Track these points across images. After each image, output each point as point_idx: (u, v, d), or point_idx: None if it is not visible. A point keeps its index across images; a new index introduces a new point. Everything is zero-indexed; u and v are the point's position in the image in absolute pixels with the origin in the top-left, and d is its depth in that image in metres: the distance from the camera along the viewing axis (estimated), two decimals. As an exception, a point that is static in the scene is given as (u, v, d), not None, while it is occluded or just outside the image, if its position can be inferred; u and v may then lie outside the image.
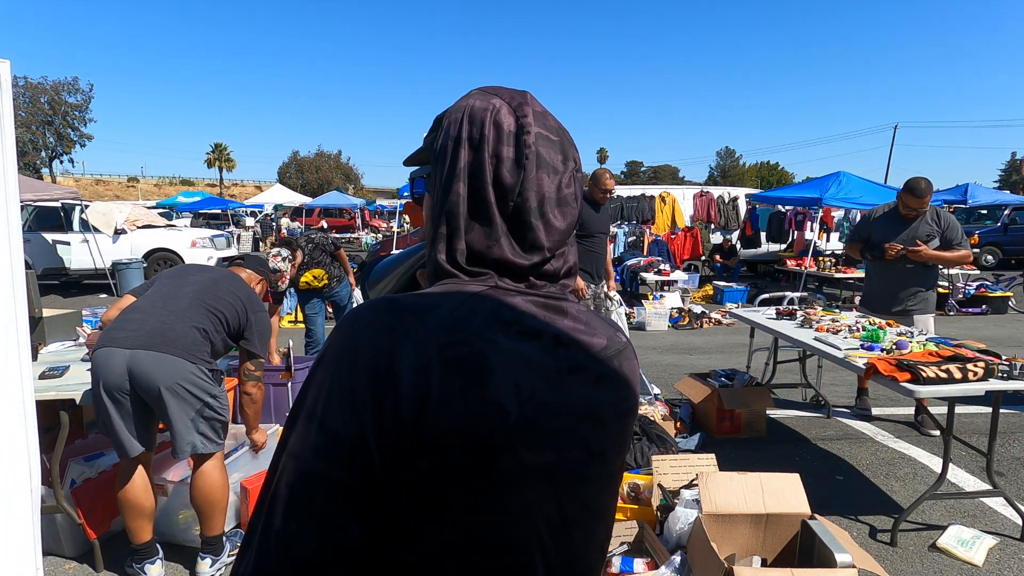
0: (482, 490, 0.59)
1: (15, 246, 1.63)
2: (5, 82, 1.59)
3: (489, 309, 0.62)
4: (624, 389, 0.70)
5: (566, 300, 0.69)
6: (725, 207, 13.89)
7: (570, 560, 0.65)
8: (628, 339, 0.76)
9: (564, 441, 0.64)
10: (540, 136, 0.67)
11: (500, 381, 0.59)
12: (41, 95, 41.27)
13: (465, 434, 0.57)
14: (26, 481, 1.66)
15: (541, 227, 0.66)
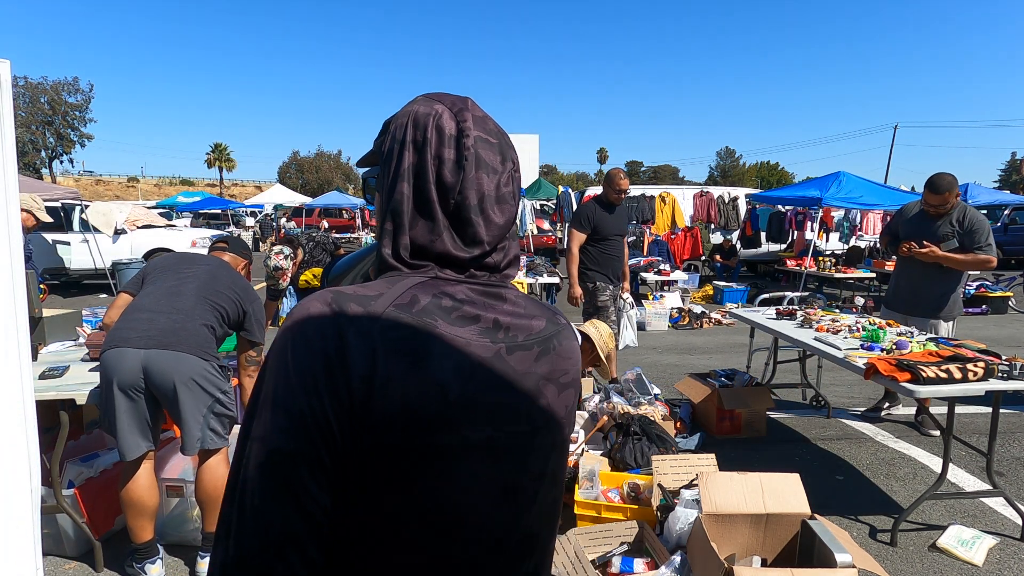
0: (427, 463, 0.64)
1: (15, 246, 1.63)
2: (5, 82, 1.59)
3: (430, 297, 0.68)
4: (564, 364, 0.77)
5: (505, 288, 0.76)
6: (725, 207, 13.89)
7: (514, 524, 0.71)
8: (568, 322, 0.83)
9: (506, 416, 0.70)
10: (480, 139, 0.73)
11: (441, 363, 0.65)
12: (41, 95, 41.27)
13: (408, 412, 0.62)
14: (26, 481, 1.66)
15: (481, 223, 0.72)
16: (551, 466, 0.76)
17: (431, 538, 0.65)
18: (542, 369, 0.74)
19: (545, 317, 0.78)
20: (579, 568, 2.27)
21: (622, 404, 3.68)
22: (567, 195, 15.81)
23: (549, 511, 0.77)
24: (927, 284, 3.95)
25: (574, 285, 4.64)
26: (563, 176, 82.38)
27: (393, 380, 0.62)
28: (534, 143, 40.97)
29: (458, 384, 0.66)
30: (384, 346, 0.62)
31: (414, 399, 0.63)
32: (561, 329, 0.80)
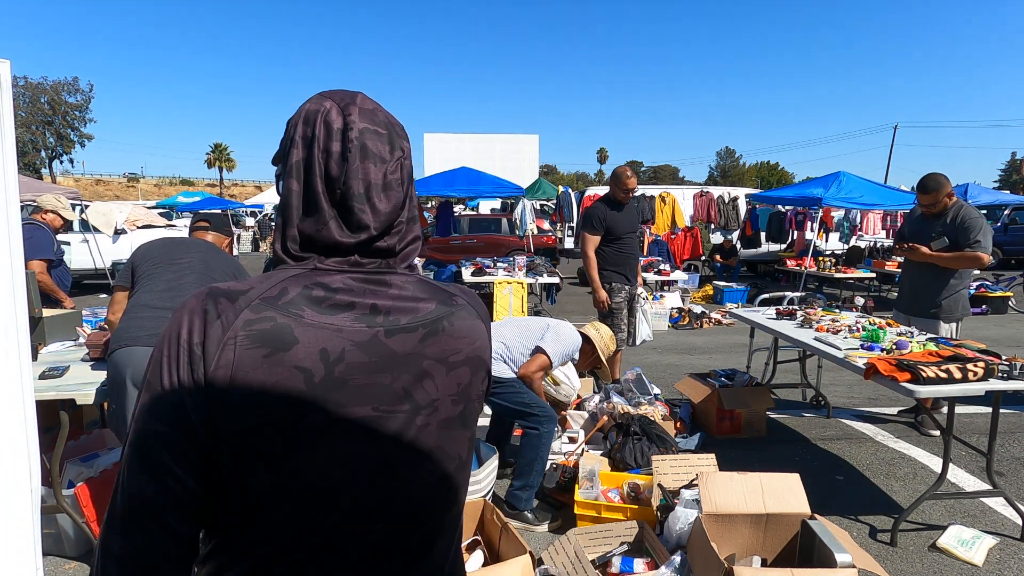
0: (294, 441, 0.69)
1: (15, 246, 1.63)
2: (5, 82, 1.59)
3: (300, 288, 0.73)
4: (455, 344, 0.80)
5: (393, 274, 0.80)
6: (725, 207, 13.89)
7: (394, 497, 0.75)
8: (469, 302, 0.87)
9: (384, 396, 0.74)
10: (367, 131, 0.77)
11: (304, 349, 0.70)
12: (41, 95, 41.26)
13: (271, 396, 0.68)
14: (26, 481, 1.66)
15: (367, 210, 0.77)
16: (442, 443, 0.78)
17: (306, 510, 0.70)
18: (429, 350, 0.78)
19: (437, 300, 0.81)
20: (579, 568, 2.27)
21: (622, 404, 3.68)
22: (567, 195, 15.79)
23: (442, 486, 0.79)
24: (923, 284, 3.97)
25: (598, 290, 4.58)
26: (563, 176, 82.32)
27: (253, 369, 0.68)
28: (534, 143, 40.88)
29: (325, 369, 0.70)
30: (245, 337, 0.68)
31: (275, 386, 0.68)
32: (455, 310, 0.82)
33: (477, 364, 0.83)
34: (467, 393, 0.82)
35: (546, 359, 3.08)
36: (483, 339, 0.85)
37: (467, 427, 0.83)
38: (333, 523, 0.72)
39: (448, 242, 13.36)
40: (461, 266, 9.48)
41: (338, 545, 0.73)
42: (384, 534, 0.75)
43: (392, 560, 0.77)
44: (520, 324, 3.23)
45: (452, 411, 0.80)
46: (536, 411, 3.01)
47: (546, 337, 3.11)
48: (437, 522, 0.80)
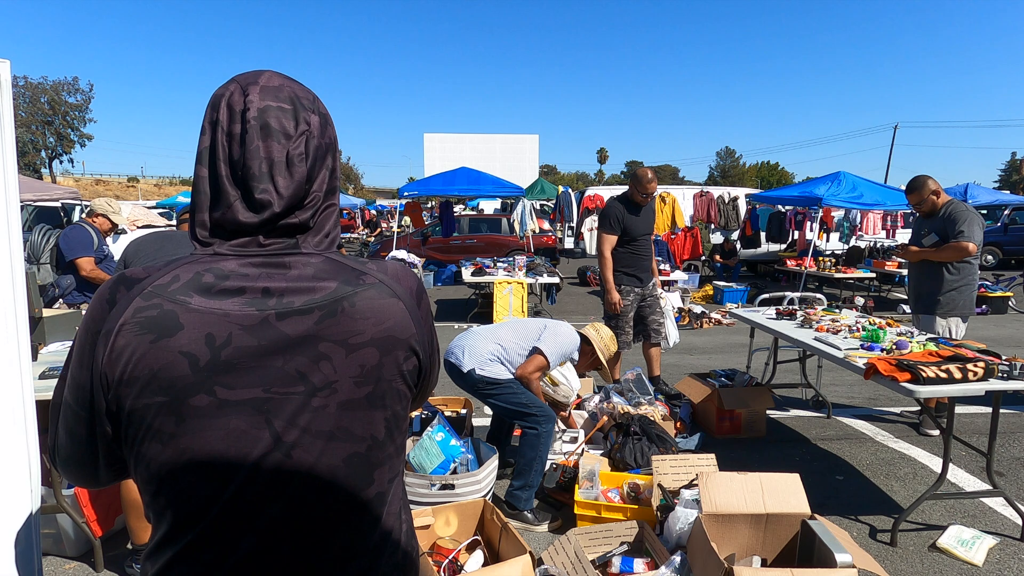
0: (182, 421, 0.73)
1: (15, 246, 1.63)
2: (5, 82, 1.59)
3: (191, 276, 0.76)
4: (356, 325, 0.79)
5: (297, 254, 0.80)
6: (725, 207, 13.89)
7: (291, 475, 0.76)
8: (384, 280, 0.84)
9: (273, 377, 0.75)
10: (268, 108, 0.78)
11: (188, 334, 0.73)
12: (41, 95, 41.25)
13: (157, 378, 0.72)
14: (26, 481, 1.66)
15: (270, 189, 0.77)
16: (345, 423, 0.78)
17: (201, 483, 0.74)
18: (326, 331, 0.77)
19: (339, 280, 0.80)
20: (579, 568, 2.27)
21: (622, 404, 3.68)
22: (567, 195, 15.79)
23: (350, 465, 0.80)
24: (919, 282, 4.11)
25: (611, 291, 4.57)
26: (563, 176, 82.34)
27: (141, 353, 0.72)
28: (534, 143, 40.89)
29: (210, 352, 0.73)
30: (135, 323, 0.73)
31: (161, 368, 0.72)
32: (359, 290, 0.81)
33: (389, 344, 0.82)
34: (376, 374, 0.80)
35: (543, 360, 3.08)
36: (397, 319, 0.83)
37: (379, 408, 0.81)
38: (230, 496, 0.74)
39: (448, 242, 13.37)
40: (461, 266, 9.48)
41: (240, 516, 0.75)
42: (287, 508, 0.76)
43: (299, 535, 0.77)
44: (517, 325, 3.23)
45: (355, 392, 0.79)
46: (534, 411, 3.01)
47: (543, 338, 3.10)
48: (347, 500, 0.80)
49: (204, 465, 0.74)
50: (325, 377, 0.77)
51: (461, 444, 3.08)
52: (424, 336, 0.88)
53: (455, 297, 10.43)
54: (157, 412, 0.73)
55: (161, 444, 0.73)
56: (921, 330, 3.81)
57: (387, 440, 0.83)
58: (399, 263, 0.90)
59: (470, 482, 2.89)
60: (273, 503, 0.76)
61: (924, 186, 4.04)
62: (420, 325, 0.87)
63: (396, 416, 0.85)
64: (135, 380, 0.72)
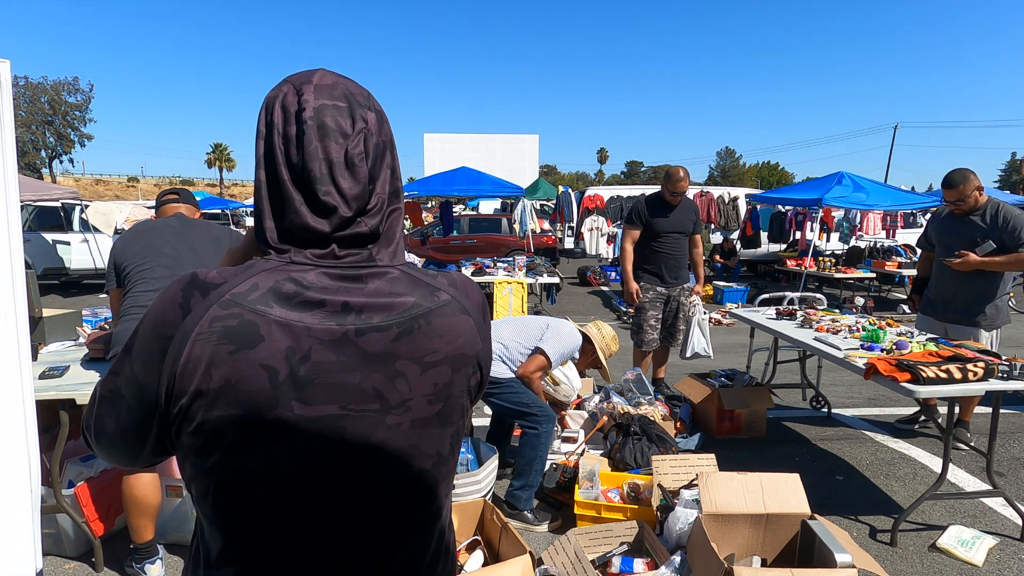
0: (257, 435, 0.71)
1: (15, 246, 1.63)
2: (5, 82, 1.59)
3: (271, 284, 0.72)
4: (432, 343, 0.78)
5: (373, 267, 0.78)
6: (725, 207, 13.89)
7: (362, 494, 0.76)
8: (456, 296, 0.83)
9: (352, 395, 0.74)
10: (324, 107, 0.75)
11: (269, 347, 0.70)
12: (41, 95, 41.25)
13: (235, 390, 0.69)
14: (26, 481, 1.66)
15: (332, 191, 0.75)
16: (416, 441, 0.78)
17: (269, 497, 0.73)
18: (402, 350, 0.76)
19: (416, 296, 0.78)
20: (579, 568, 2.27)
21: (622, 404, 3.68)
22: (567, 195, 15.78)
23: (419, 482, 0.80)
24: (963, 289, 3.64)
25: (629, 281, 4.60)
26: (563, 176, 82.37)
27: (217, 363, 0.69)
28: (534, 143, 40.85)
29: (289, 366, 0.71)
30: (212, 333, 0.69)
31: (240, 381, 0.69)
32: (436, 307, 0.79)
33: (460, 362, 0.81)
34: (447, 392, 0.80)
35: (544, 360, 3.08)
36: (467, 336, 0.82)
37: (447, 424, 0.81)
38: (300, 513, 0.74)
39: (448, 242, 13.37)
40: (461, 266, 9.48)
41: (309, 534, 0.74)
42: (356, 526, 0.76)
43: (367, 552, 0.78)
44: (519, 323, 3.22)
45: (428, 411, 0.79)
46: (535, 411, 3.01)
47: (545, 337, 3.10)
48: (414, 517, 0.80)
49: (276, 481, 0.72)
50: (400, 395, 0.76)
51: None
52: (487, 351, 0.87)
53: (455, 297, 10.40)
54: (231, 425, 0.70)
55: (232, 457, 0.72)
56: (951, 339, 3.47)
57: (450, 455, 0.84)
58: (464, 276, 0.89)
59: (470, 482, 2.89)
60: (343, 520, 0.76)
61: (968, 181, 3.56)
62: (486, 340, 0.86)
63: (459, 432, 0.85)
64: (211, 391, 0.69)
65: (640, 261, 4.63)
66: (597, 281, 12.24)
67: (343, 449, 0.74)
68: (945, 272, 3.74)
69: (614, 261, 13.29)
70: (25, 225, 10.24)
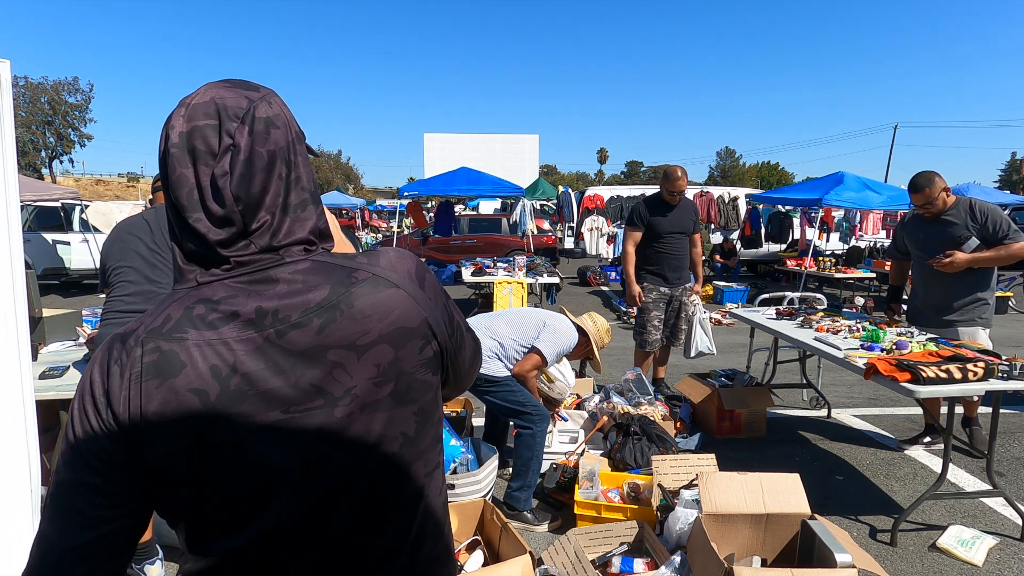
0: (206, 460, 0.69)
1: (15, 246, 1.63)
2: (5, 82, 1.59)
3: (181, 312, 0.72)
4: (360, 325, 0.75)
5: (280, 266, 0.75)
6: (725, 207, 13.90)
7: (331, 491, 0.74)
8: (378, 272, 0.79)
9: (289, 397, 0.72)
10: (195, 129, 0.73)
11: (194, 370, 0.69)
12: (41, 95, 41.22)
13: (172, 422, 0.68)
14: (26, 481, 1.66)
15: (203, 217, 0.73)
16: (374, 426, 0.76)
17: (240, 517, 0.71)
18: (330, 339, 0.73)
19: (331, 283, 0.75)
20: (579, 568, 2.27)
21: (622, 404, 3.68)
22: (567, 195, 15.80)
23: (387, 467, 0.77)
24: (954, 291, 3.53)
25: (631, 284, 4.61)
26: (563, 176, 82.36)
27: (150, 401, 0.68)
28: (534, 143, 40.89)
29: (219, 385, 0.70)
30: (138, 373, 0.69)
31: (173, 411, 0.68)
32: (353, 288, 0.76)
33: (401, 336, 0.77)
34: (394, 370, 0.77)
35: (540, 359, 3.08)
36: (402, 308, 0.78)
37: (406, 403, 0.78)
38: (270, 525, 0.72)
39: (448, 242, 13.37)
40: (461, 266, 9.48)
41: (285, 542, 0.74)
42: (329, 524, 0.75)
43: (345, 545, 0.77)
44: (515, 319, 3.19)
45: (377, 393, 0.76)
46: (530, 410, 3.00)
47: (542, 337, 3.09)
48: (387, 502, 0.79)
49: (238, 501, 0.71)
50: (343, 385, 0.74)
51: (461, 444, 3.08)
52: (438, 316, 0.83)
53: (455, 297, 10.38)
54: (176, 458, 0.69)
55: (190, 489, 0.70)
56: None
57: (419, 435, 0.81)
58: (393, 249, 0.85)
59: (470, 482, 2.89)
60: (316, 521, 0.74)
61: (933, 184, 3.47)
62: (430, 306, 0.82)
63: (424, 409, 0.81)
64: (148, 430, 0.68)
65: (643, 262, 4.64)
66: (597, 281, 12.24)
67: (298, 452, 0.72)
68: (932, 277, 3.60)
69: (614, 261, 13.29)
70: (25, 225, 10.24)
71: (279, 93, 0.82)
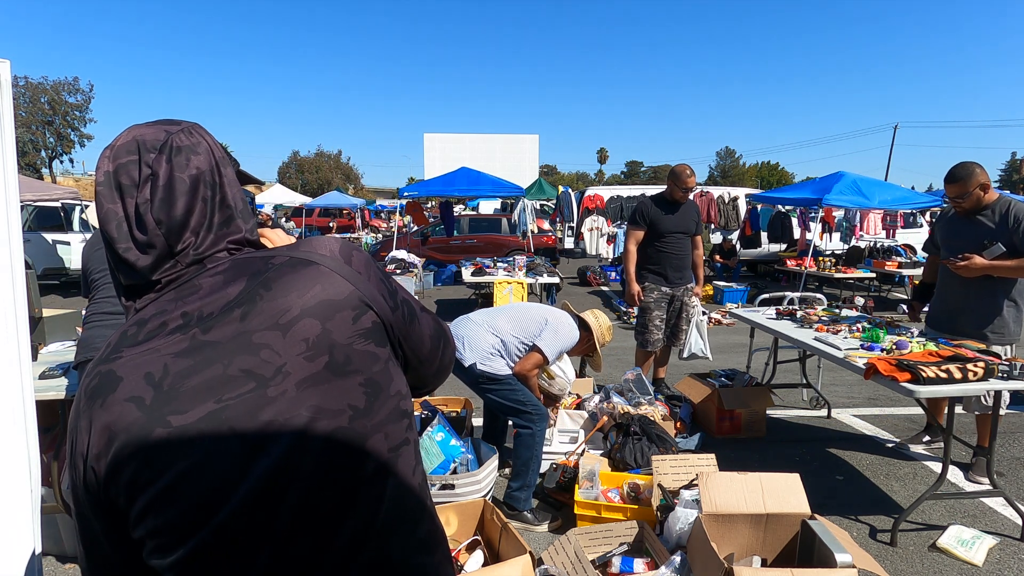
0: (154, 461, 0.72)
1: (15, 246, 1.63)
2: (5, 82, 1.59)
3: (118, 338, 0.78)
4: (280, 304, 0.76)
5: (203, 273, 0.80)
6: (725, 207, 13.90)
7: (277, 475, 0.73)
8: (295, 254, 0.81)
9: (218, 387, 0.74)
10: (120, 167, 0.79)
11: (129, 383, 0.74)
12: (41, 95, 41.21)
13: (114, 433, 0.72)
14: (26, 481, 1.66)
15: (132, 247, 0.79)
16: (315, 400, 0.75)
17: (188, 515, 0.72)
18: (252, 323, 0.75)
19: (248, 274, 0.79)
20: (579, 568, 2.27)
21: (622, 404, 3.68)
22: (567, 195, 15.80)
23: (336, 442, 0.76)
24: (968, 298, 3.29)
25: (631, 283, 4.59)
26: (563, 176, 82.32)
27: (96, 418, 0.74)
28: (534, 143, 40.89)
29: (153, 389, 0.73)
30: (86, 400, 0.75)
31: (113, 422, 0.73)
32: (268, 272, 0.79)
33: (327, 308, 0.78)
34: (326, 341, 0.76)
35: (541, 358, 3.07)
36: (323, 282, 0.79)
37: (347, 375, 0.77)
38: (227, 516, 0.72)
39: (448, 242, 13.38)
40: (461, 266, 9.48)
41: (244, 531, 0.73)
42: (287, 512, 0.74)
43: (307, 531, 0.74)
44: (516, 315, 3.18)
45: (311, 367, 0.75)
46: (529, 409, 3.00)
47: (543, 336, 3.08)
48: (345, 480, 0.76)
49: (188, 497, 0.72)
50: (272, 365, 0.74)
51: (461, 444, 3.07)
52: (371, 288, 0.83)
53: (455, 297, 10.43)
54: (127, 465, 0.72)
55: (143, 495, 0.72)
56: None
57: (371, 407, 0.79)
58: (317, 236, 0.88)
59: (470, 482, 2.89)
60: (272, 507, 0.73)
61: (972, 176, 3.18)
62: (359, 280, 0.82)
63: (373, 380, 0.79)
64: (103, 448, 0.73)
65: (645, 261, 4.62)
66: (597, 281, 12.24)
67: (237, 439, 0.72)
68: (950, 279, 3.38)
69: (614, 261, 13.29)
70: (25, 225, 10.24)
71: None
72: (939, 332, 3.43)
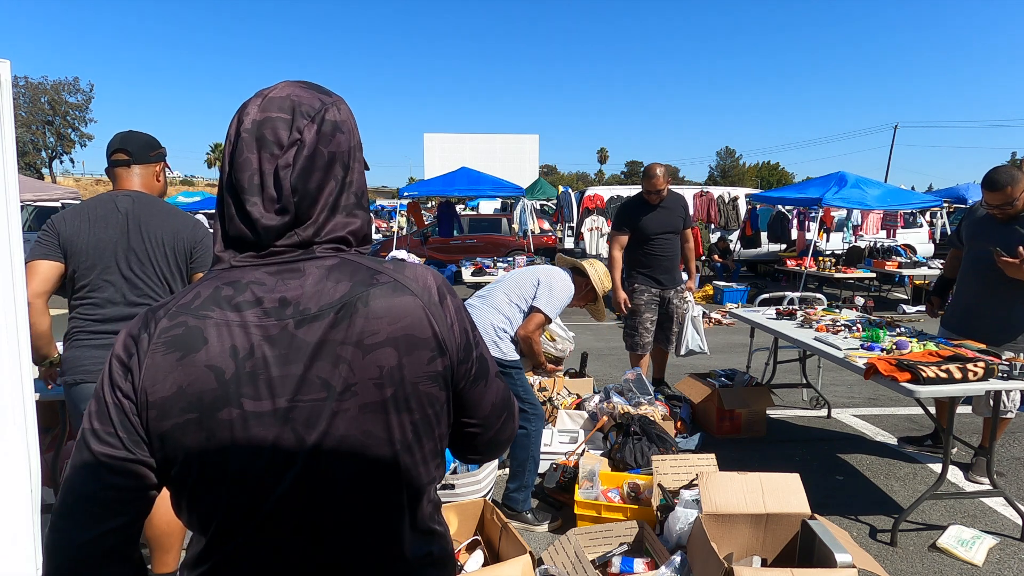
0: (213, 435, 0.73)
1: (15, 246, 1.63)
2: (5, 82, 1.59)
3: (210, 291, 0.77)
4: (372, 325, 0.77)
5: (310, 260, 0.79)
6: (725, 207, 13.88)
7: (319, 484, 0.76)
8: (399, 278, 0.82)
9: (296, 386, 0.75)
10: (267, 120, 0.78)
11: (214, 348, 0.74)
12: (41, 95, 41.24)
13: (186, 395, 0.73)
14: (26, 481, 1.66)
15: (259, 203, 0.77)
16: (369, 427, 0.77)
17: (240, 495, 0.75)
18: (340, 334, 0.76)
19: (353, 281, 0.79)
20: (579, 568, 2.27)
21: (622, 404, 3.68)
22: (567, 195, 15.79)
23: (379, 468, 0.78)
24: (989, 304, 3.17)
25: (617, 290, 4.47)
26: (563, 176, 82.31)
27: (170, 372, 0.73)
28: (534, 143, 40.88)
29: (236, 365, 0.74)
30: (161, 344, 0.74)
31: (188, 384, 0.73)
32: (372, 289, 0.79)
33: (408, 344, 0.78)
34: (397, 375, 0.78)
35: (543, 317, 2.97)
36: (414, 316, 0.79)
37: (405, 411, 0.79)
38: (266, 507, 0.75)
39: (448, 242, 13.37)
40: (461, 266, 9.48)
41: (276, 526, 0.76)
42: (321, 515, 0.77)
43: (334, 541, 0.78)
44: (510, 286, 3.04)
45: (377, 395, 0.77)
46: (527, 407, 2.97)
47: (539, 296, 2.96)
48: (379, 504, 0.80)
49: (237, 478, 0.74)
50: (344, 381, 0.76)
51: (461, 444, 3.07)
52: (453, 335, 0.83)
53: (455, 297, 10.40)
54: (188, 428, 0.73)
55: (194, 461, 0.74)
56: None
57: (415, 444, 0.80)
58: (423, 265, 0.88)
59: (470, 482, 2.89)
60: (307, 511, 0.77)
61: (1016, 182, 2.96)
62: (444, 323, 0.82)
63: (427, 420, 0.81)
64: (165, 398, 0.73)
65: (634, 265, 4.56)
66: (597, 281, 12.21)
67: (296, 440, 0.75)
68: (972, 281, 3.27)
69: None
70: (25, 225, 10.23)
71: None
72: (954, 334, 3.30)
